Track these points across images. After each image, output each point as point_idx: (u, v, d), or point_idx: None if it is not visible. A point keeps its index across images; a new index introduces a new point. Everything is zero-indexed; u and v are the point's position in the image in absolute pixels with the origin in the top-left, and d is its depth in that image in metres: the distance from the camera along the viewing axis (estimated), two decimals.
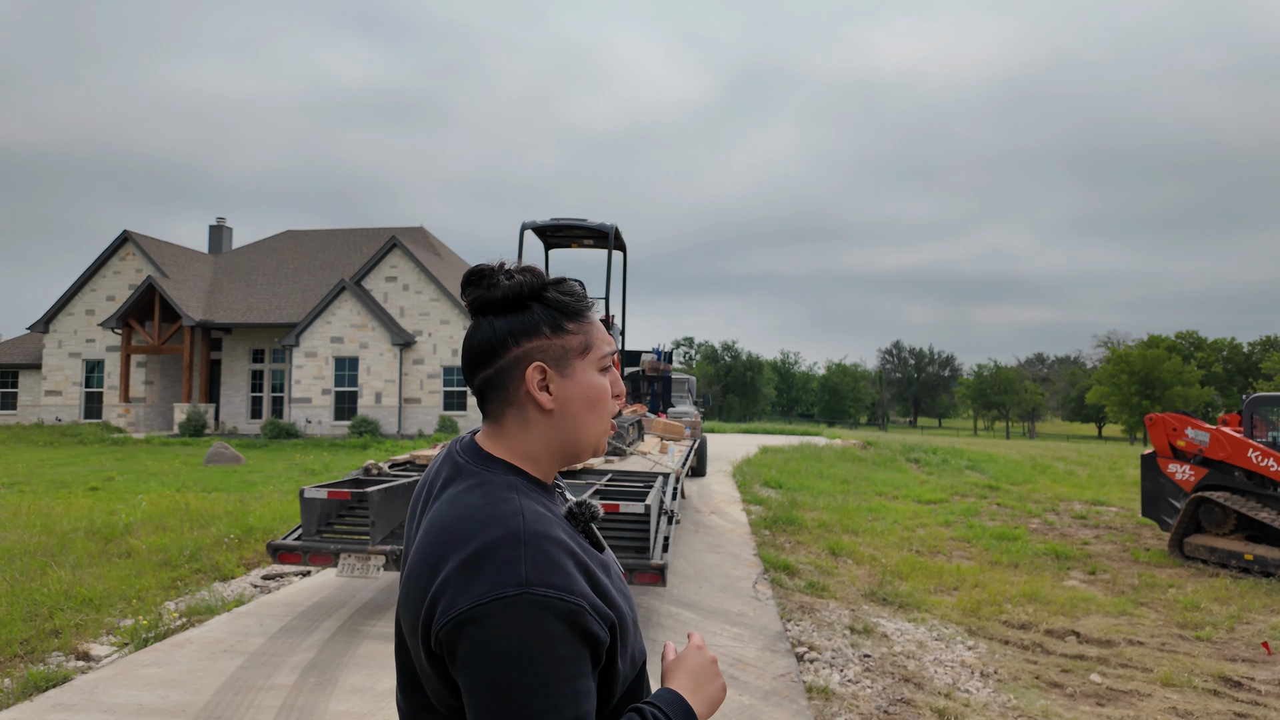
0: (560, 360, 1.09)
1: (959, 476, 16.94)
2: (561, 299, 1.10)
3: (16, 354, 28.20)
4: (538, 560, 0.95)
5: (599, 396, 1.11)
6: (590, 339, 1.11)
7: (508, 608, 0.91)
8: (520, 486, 1.06)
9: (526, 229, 7.98)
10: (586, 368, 1.10)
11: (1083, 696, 4.66)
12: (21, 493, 11.63)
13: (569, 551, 0.99)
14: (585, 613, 0.95)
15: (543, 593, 0.92)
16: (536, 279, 1.10)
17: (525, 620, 0.91)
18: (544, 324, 1.09)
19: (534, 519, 1.00)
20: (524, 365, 1.07)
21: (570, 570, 0.97)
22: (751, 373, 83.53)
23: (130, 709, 3.88)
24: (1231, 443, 8.43)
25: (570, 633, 0.93)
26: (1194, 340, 72.68)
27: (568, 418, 1.09)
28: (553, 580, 0.94)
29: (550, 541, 0.98)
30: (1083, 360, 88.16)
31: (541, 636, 0.91)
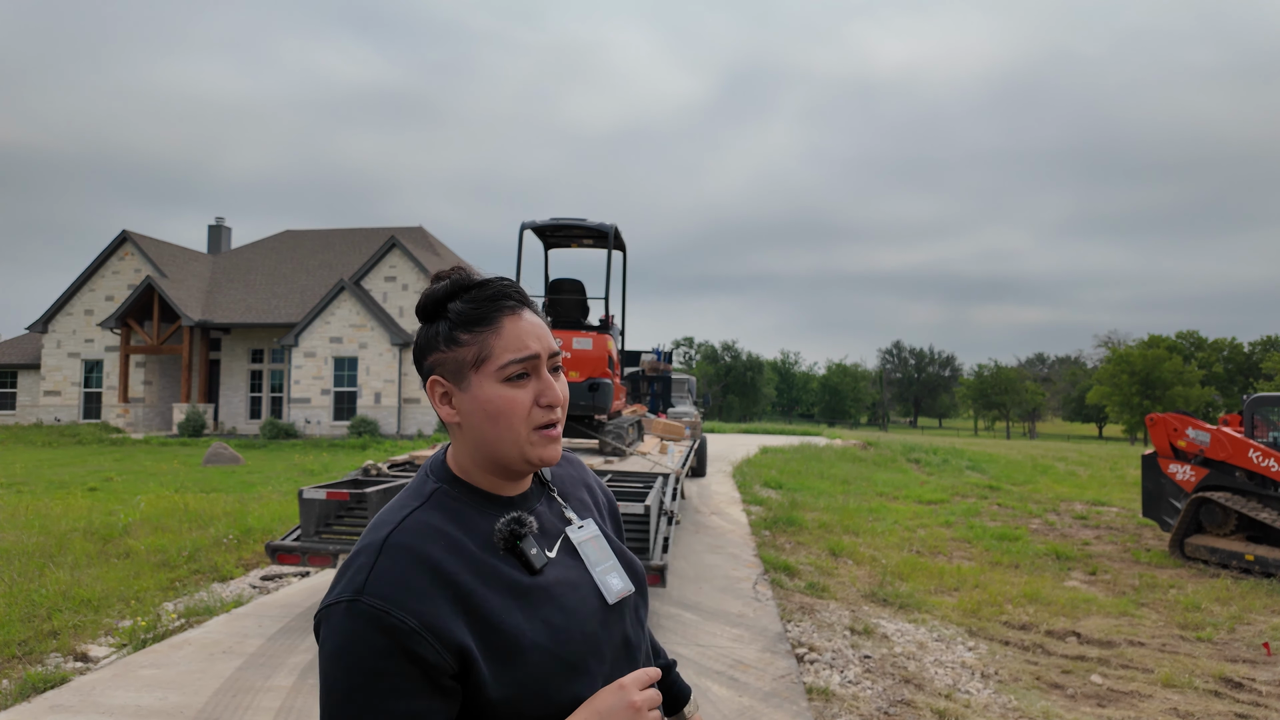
0: (456, 374, 1.05)
1: (959, 477, 16.93)
2: (461, 308, 1.05)
3: (15, 354, 28.19)
4: (383, 571, 0.95)
5: (498, 409, 1.03)
6: (485, 349, 1.03)
7: (343, 613, 0.93)
8: (437, 495, 1.05)
9: (526, 229, 7.97)
10: (483, 380, 1.03)
11: (1083, 697, 4.65)
12: (20, 493, 11.62)
13: (428, 566, 0.96)
14: (413, 633, 0.92)
15: (369, 603, 0.92)
16: (450, 287, 1.06)
17: (350, 627, 0.92)
18: (440, 337, 1.05)
19: (409, 530, 0.99)
20: (429, 381, 1.07)
21: (419, 587, 0.94)
22: (751, 373, 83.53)
23: (128, 710, 3.86)
24: (1232, 443, 8.42)
25: (394, 649, 0.91)
26: (1195, 340, 72.68)
27: (472, 431, 1.05)
28: (388, 594, 0.93)
29: (406, 554, 0.97)
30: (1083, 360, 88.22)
31: (359, 646, 0.92)
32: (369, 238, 30.62)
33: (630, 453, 7.63)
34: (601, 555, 1.14)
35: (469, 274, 1.08)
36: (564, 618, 1.03)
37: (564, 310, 7.92)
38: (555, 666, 1.00)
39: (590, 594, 1.08)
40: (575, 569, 1.10)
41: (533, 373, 1.06)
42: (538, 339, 1.07)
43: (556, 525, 1.13)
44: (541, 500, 1.15)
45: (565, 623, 1.03)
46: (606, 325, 7.96)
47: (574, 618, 1.04)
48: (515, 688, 0.97)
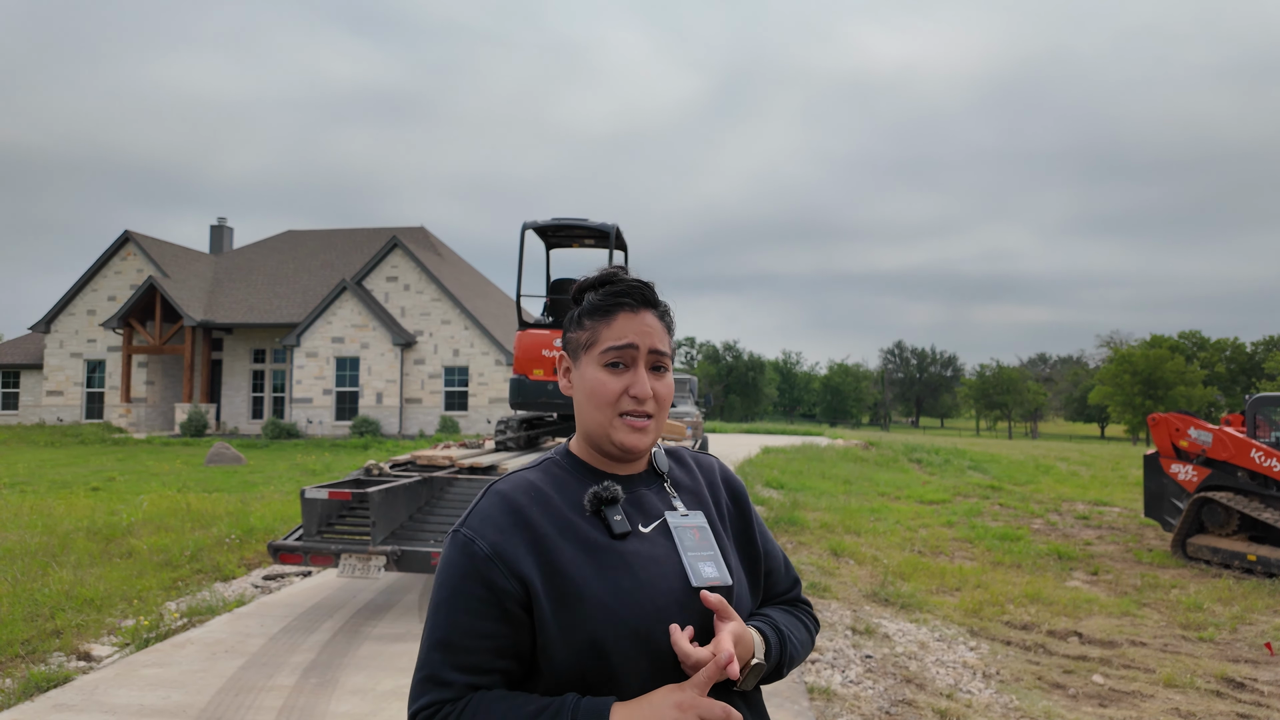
0: (574, 353, 1.22)
1: (961, 477, 16.92)
2: (592, 299, 1.21)
3: (18, 354, 28.24)
4: (479, 510, 1.14)
5: (592, 389, 1.17)
6: (595, 335, 1.18)
7: (449, 540, 1.14)
8: (547, 463, 1.23)
9: (527, 229, 7.97)
10: (589, 362, 1.18)
11: (1085, 697, 4.64)
12: (23, 493, 11.64)
13: (512, 510, 1.13)
14: (487, 559, 1.09)
15: (463, 532, 1.12)
16: (596, 279, 1.23)
17: (449, 551, 1.12)
18: (573, 321, 1.23)
19: (509, 483, 1.17)
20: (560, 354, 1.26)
21: (502, 525, 1.11)
22: (753, 373, 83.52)
23: (131, 709, 3.87)
24: (1234, 443, 8.41)
25: (471, 570, 1.09)
26: (1197, 340, 72.59)
27: (579, 407, 1.21)
28: (476, 526, 1.12)
29: (500, 499, 1.15)
30: (1085, 360, 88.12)
31: (449, 565, 1.11)
32: (370, 238, 30.64)
33: None
34: (700, 545, 1.19)
35: (618, 273, 1.23)
36: (634, 584, 1.10)
37: (566, 310, 7.91)
38: (616, 625, 1.07)
39: (673, 573, 1.13)
40: (664, 548, 1.16)
41: (630, 364, 1.18)
42: (640, 335, 1.18)
43: (658, 508, 1.21)
44: (651, 486, 1.24)
45: (634, 589, 1.09)
46: None
47: (645, 588, 1.10)
48: (574, 631, 1.07)
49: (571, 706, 1.04)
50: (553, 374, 7.47)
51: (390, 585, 6.30)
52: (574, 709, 1.03)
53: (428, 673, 1.08)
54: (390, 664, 4.52)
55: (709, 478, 1.33)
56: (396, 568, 5.00)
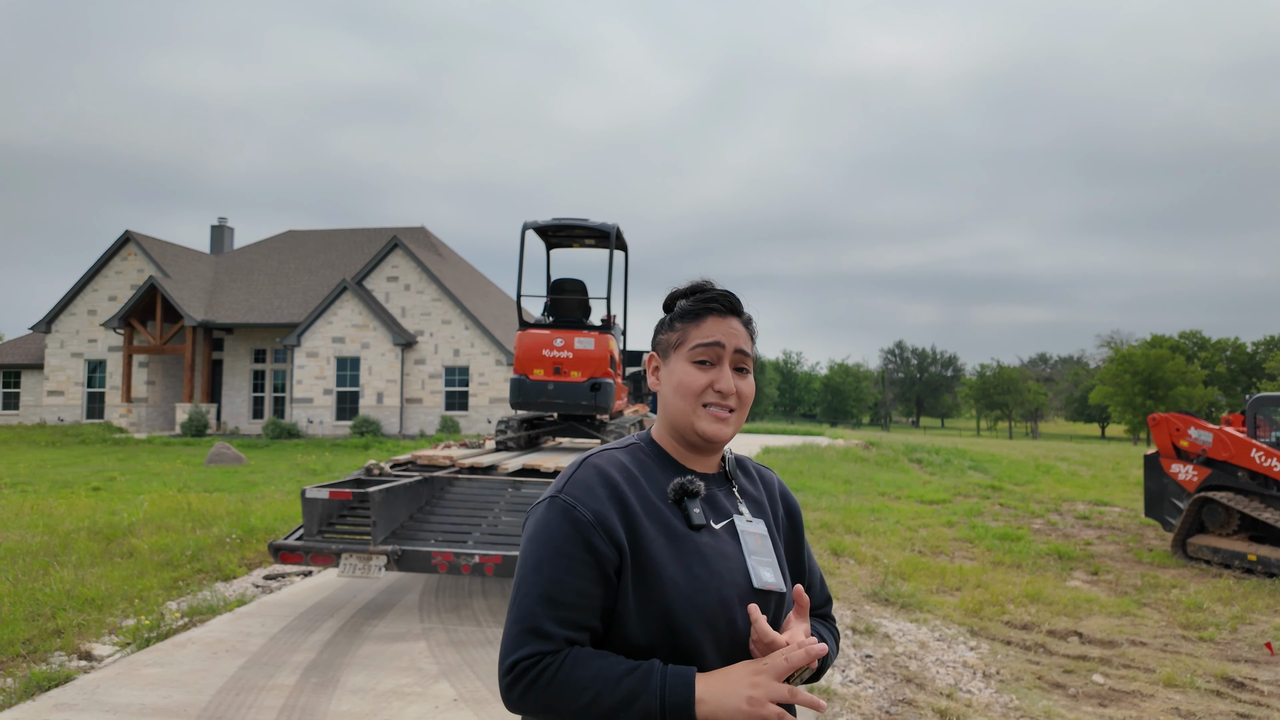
0: (664, 352, 1.34)
1: (961, 477, 16.92)
2: (684, 304, 1.33)
3: (19, 354, 28.25)
4: (577, 479, 1.23)
5: (681, 382, 1.29)
6: (686, 336, 1.31)
7: (545, 506, 1.22)
8: (634, 447, 1.32)
9: (528, 229, 7.98)
10: (678, 359, 1.31)
11: (1085, 697, 4.65)
12: (24, 493, 11.65)
13: (609, 483, 1.22)
14: (590, 525, 1.17)
15: (563, 499, 1.20)
16: (688, 289, 1.36)
17: (547, 516, 1.20)
18: (665, 324, 1.35)
19: (602, 457, 1.27)
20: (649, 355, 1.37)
21: (599, 494, 1.20)
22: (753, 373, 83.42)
23: (132, 709, 3.88)
24: (1235, 443, 8.41)
25: (574, 534, 1.17)
26: (1198, 340, 72.53)
27: (665, 400, 1.32)
28: (576, 494, 1.20)
29: (596, 471, 1.24)
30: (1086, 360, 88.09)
31: (550, 530, 1.19)
32: (371, 238, 30.64)
33: None
34: (762, 550, 1.29)
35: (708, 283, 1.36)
36: (706, 574, 1.20)
37: (566, 310, 7.93)
38: (686, 608, 1.17)
39: (738, 570, 1.24)
40: (732, 546, 1.26)
41: (716, 362, 1.30)
42: (727, 336, 1.31)
43: (728, 508, 1.31)
44: (722, 487, 1.34)
45: (706, 577, 1.20)
46: (608, 325, 7.96)
47: (715, 579, 1.20)
48: (648, 606, 1.17)
49: (661, 670, 1.13)
50: (553, 374, 7.48)
51: (391, 585, 6.30)
52: (663, 673, 1.13)
53: (530, 625, 1.14)
54: (391, 664, 4.52)
55: (769, 490, 1.45)
56: (397, 567, 5.00)
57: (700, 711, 1.11)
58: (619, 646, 1.18)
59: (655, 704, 1.10)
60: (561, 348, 7.49)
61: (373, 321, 25.14)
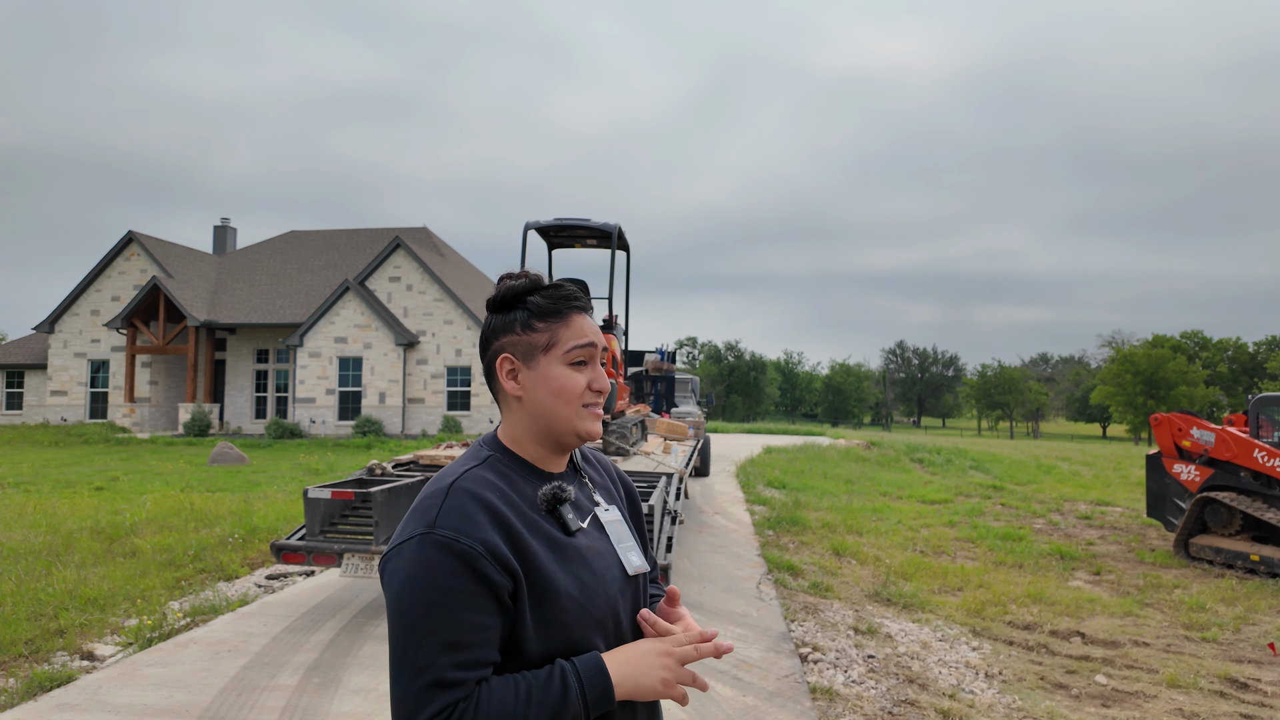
0: (528, 354, 1.25)
1: (963, 477, 16.91)
2: (539, 301, 1.25)
3: (22, 354, 28.29)
4: (450, 509, 1.13)
5: (561, 386, 1.24)
6: (556, 337, 1.25)
7: (416, 545, 1.11)
8: (491, 460, 1.24)
9: (529, 229, 7.98)
10: (551, 362, 1.24)
11: (1088, 698, 4.64)
12: (27, 492, 11.66)
13: (487, 507, 1.14)
14: (479, 556, 1.09)
15: (440, 534, 1.10)
16: (529, 284, 1.27)
17: (423, 555, 1.09)
18: (518, 323, 1.25)
19: (469, 480, 1.17)
20: (499, 358, 1.26)
21: (479, 520, 1.12)
22: (755, 373, 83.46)
23: (134, 709, 3.88)
24: (1237, 443, 8.39)
25: (464, 569, 1.08)
26: (1199, 340, 72.43)
27: (535, 405, 1.24)
28: (454, 525, 1.11)
29: (469, 496, 1.15)
30: (1087, 360, 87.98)
31: (433, 570, 1.08)
32: (373, 238, 30.66)
33: (634, 452, 7.64)
34: (624, 535, 1.32)
35: (543, 277, 1.30)
36: (591, 578, 1.20)
37: None
38: (582, 617, 1.17)
39: (614, 564, 1.26)
40: (601, 541, 1.27)
41: (589, 361, 1.27)
42: (596, 334, 1.28)
43: (587, 504, 1.31)
44: (574, 481, 1.32)
45: (592, 582, 1.19)
46: (610, 325, 7.97)
47: (599, 580, 1.21)
48: (547, 626, 1.14)
49: (572, 671, 1.13)
50: None
51: None
52: (575, 674, 1.12)
53: (433, 678, 1.05)
54: None
55: (609, 474, 1.46)
56: None
57: (618, 694, 1.15)
58: (516, 667, 1.14)
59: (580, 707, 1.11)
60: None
61: (375, 321, 25.15)
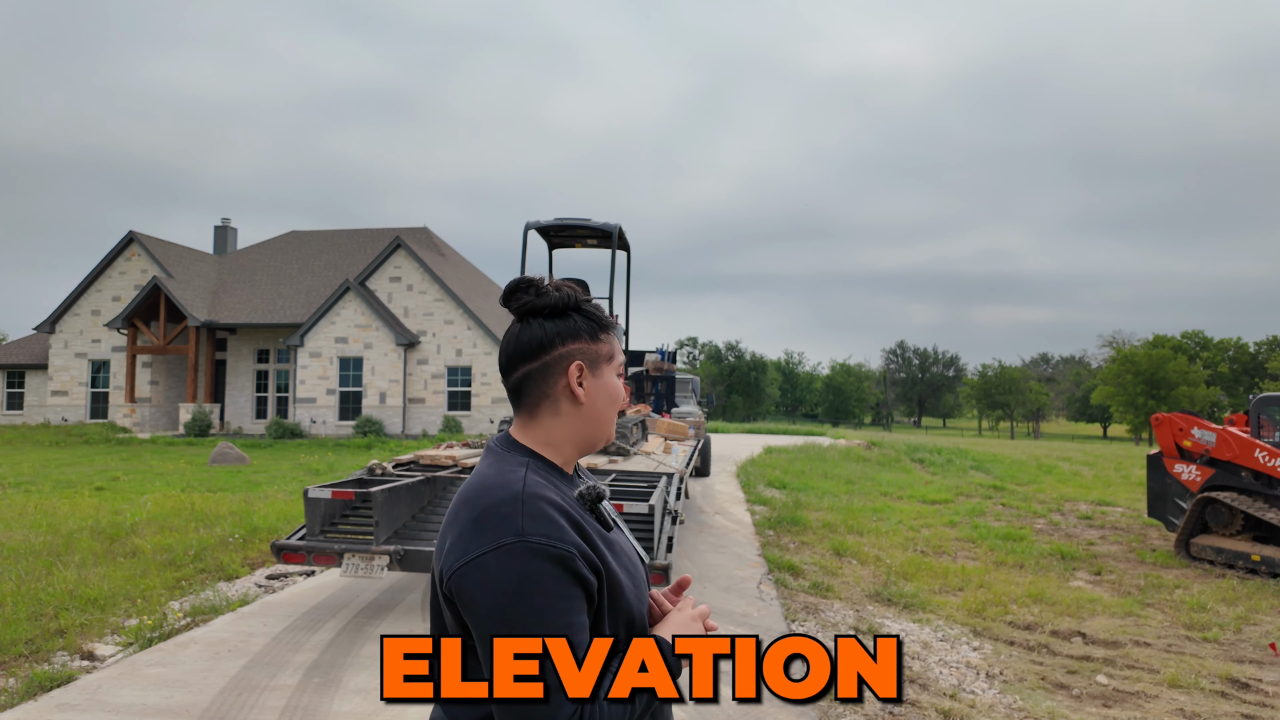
0: (594, 363, 1.30)
1: (964, 477, 16.90)
2: (596, 313, 1.32)
3: (23, 354, 28.31)
4: (533, 514, 1.13)
5: (616, 395, 1.33)
6: (614, 349, 1.33)
7: (508, 553, 1.10)
8: (531, 465, 1.24)
9: (530, 229, 7.98)
10: (610, 371, 1.32)
11: (1089, 698, 4.64)
12: (28, 492, 11.67)
13: (562, 510, 1.16)
14: (574, 557, 1.12)
15: (536, 540, 1.10)
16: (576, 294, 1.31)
17: (522, 563, 1.09)
18: (585, 331, 1.30)
19: (533, 485, 1.18)
20: (566, 363, 1.27)
21: (561, 523, 1.14)
22: (755, 373, 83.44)
23: (134, 709, 3.88)
24: (1238, 443, 8.39)
25: (562, 573, 1.10)
26: (1200, 340, 72.41)
27: (594, 411, 1.30)
28: (545, 530, 1.12)
29: (544, 501, 1.16)
30: (1088, 360, 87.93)
31: (535, 576, 1.09)
32: (374, 238, 30.67)
33: (634, 452, 7.63)
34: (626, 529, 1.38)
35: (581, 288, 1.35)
36: (632, 569, 1.27)
37: None
38: (638, 607, 1.24)
39: (634, 555, 1.33)
40: (620, 535, 1.32)
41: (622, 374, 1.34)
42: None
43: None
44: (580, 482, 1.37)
45: (633, 572, 1.27)
46: None
47: (633, 571, 1.28)
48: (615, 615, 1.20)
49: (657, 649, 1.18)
50: None
51: (393, 585, 6.30)
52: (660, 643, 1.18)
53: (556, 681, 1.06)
54: None
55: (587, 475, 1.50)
56: (400, 567, 5.00)
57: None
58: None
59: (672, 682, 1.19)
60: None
61: (375, 322, 25.15)
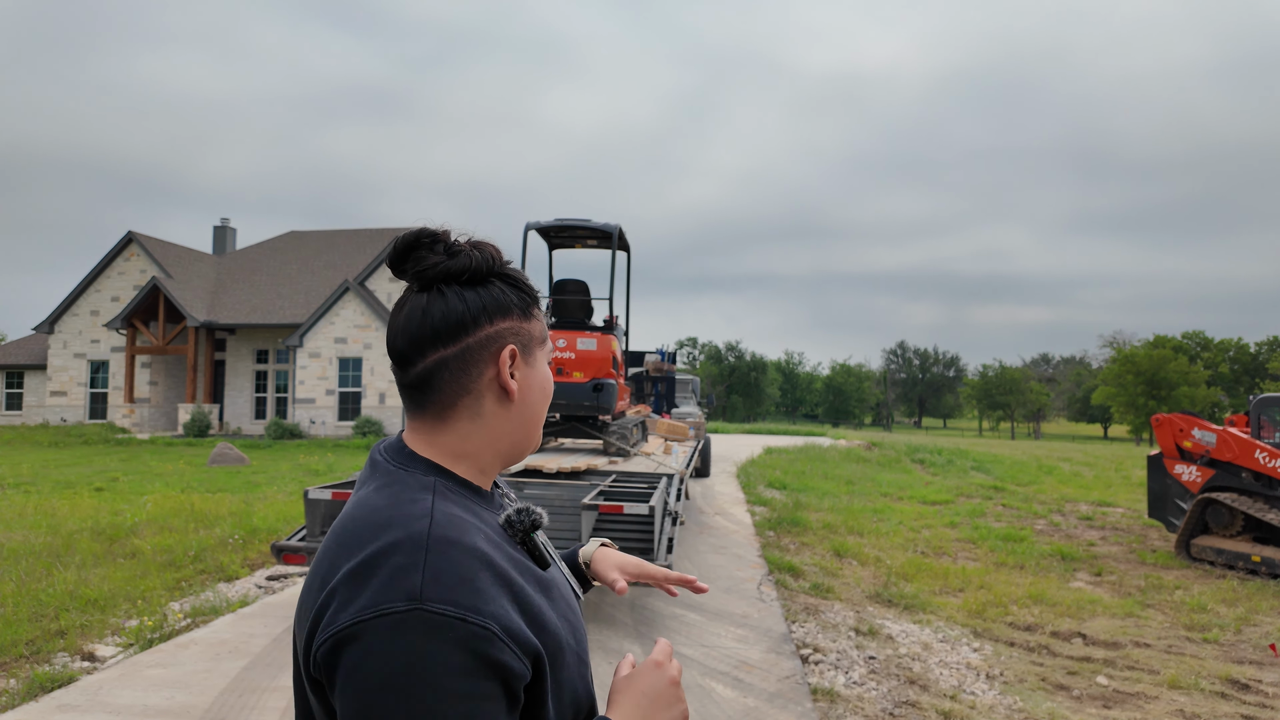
0: (527, 346, 0.97)
1: (964, 477, 16.90)
2: (523, 281, 0.98)
3: (22, 355, 28.30)
4: (440, 570, 0.78)
5: (549, 389, 1.01)
6: (543, 329, 1.00)
7: (394, 626, 0.75)
8: (440, 487, 0.89)
9: (530, 229, 7.98)
10: (543, 358, 1.00)
11: (1089, 699, 4.64)
12: (27, 493, 11.66)
13: (487, 563, 0.82)
14: (494, 638, 0.77)
15: (439, 609, 0.76)
16: (497, 255, 0.97)
17: (412, 643, 0.75)
18: (515, 305, 0.96)
19: (445, 522, 0.83)
20: (497, 347, 0.93)
21: (482, 586, 0.80)
22: (755, 373, 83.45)
23: (135, 710, 3.88)
24: (1239, 444, 8.39)
25: (471, 662, 0.76)
26: (1200, 340, 72.44)
27: (525, 408, 0.97)
28: (455, 596, 0.77)
29: (461, 549, 0.81)
30: (1088, 360, 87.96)
31: (430, 664, 0.74)
32: (373, 238, 30.65)
33: (634, 453, 7.64)
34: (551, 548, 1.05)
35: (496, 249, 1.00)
36: (569, 610, 0.95)
37: (568, 311, 7.93)
38: (576, 662, 0.92)
39: (572, 596, 1.01)
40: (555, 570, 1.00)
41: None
42: None
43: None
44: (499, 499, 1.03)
45: (571, 615, 0.95)
46: (611, 326, 7.96)
47: (573, 609, 0.96)
48: (560, 689, 0.88)
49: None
50: (555, 374, 7.48)
51: None
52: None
53: None
54: None
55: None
56: None
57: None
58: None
59: None
60: (564, 348, 7.50)
61: (375, 322, 25.15)
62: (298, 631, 0.86)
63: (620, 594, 1.17)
